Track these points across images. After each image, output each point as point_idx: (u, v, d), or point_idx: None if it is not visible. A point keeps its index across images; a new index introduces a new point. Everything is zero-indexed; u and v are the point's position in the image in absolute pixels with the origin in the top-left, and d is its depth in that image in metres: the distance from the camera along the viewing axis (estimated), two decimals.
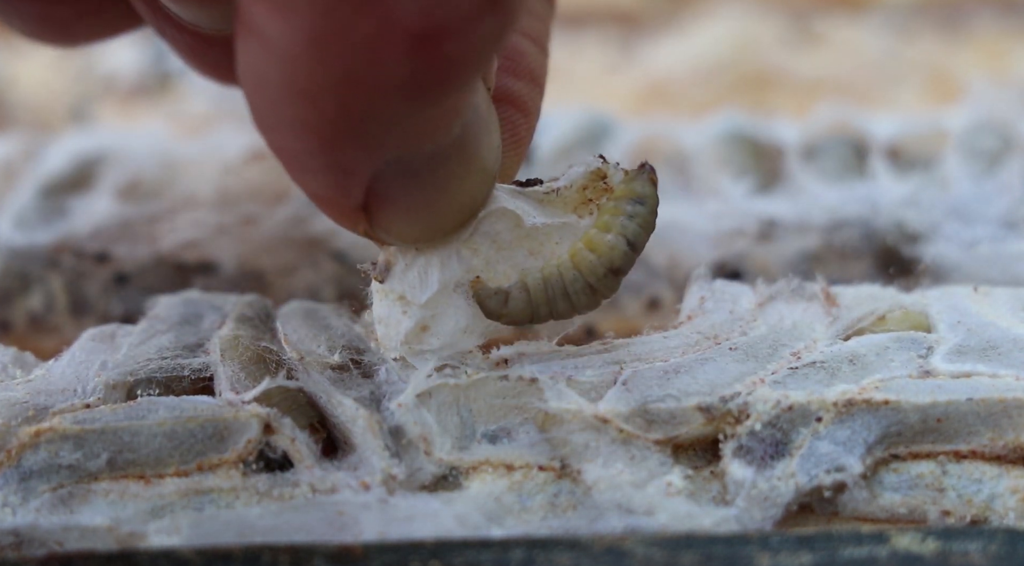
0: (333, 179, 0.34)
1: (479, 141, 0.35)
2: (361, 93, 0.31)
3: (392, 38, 0.30)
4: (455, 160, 0.34)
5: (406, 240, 0.36)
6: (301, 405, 0.38)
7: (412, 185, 0.34)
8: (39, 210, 0.53)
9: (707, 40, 0.74)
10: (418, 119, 0.32)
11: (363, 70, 0.30)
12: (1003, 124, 0.57)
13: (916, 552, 0.34)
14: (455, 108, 0.33)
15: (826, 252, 0.52)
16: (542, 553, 0.34)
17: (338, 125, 0.31)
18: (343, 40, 0.30)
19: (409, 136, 0.33)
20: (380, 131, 0.32)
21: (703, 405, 0.38)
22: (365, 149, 0.32)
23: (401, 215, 0.35)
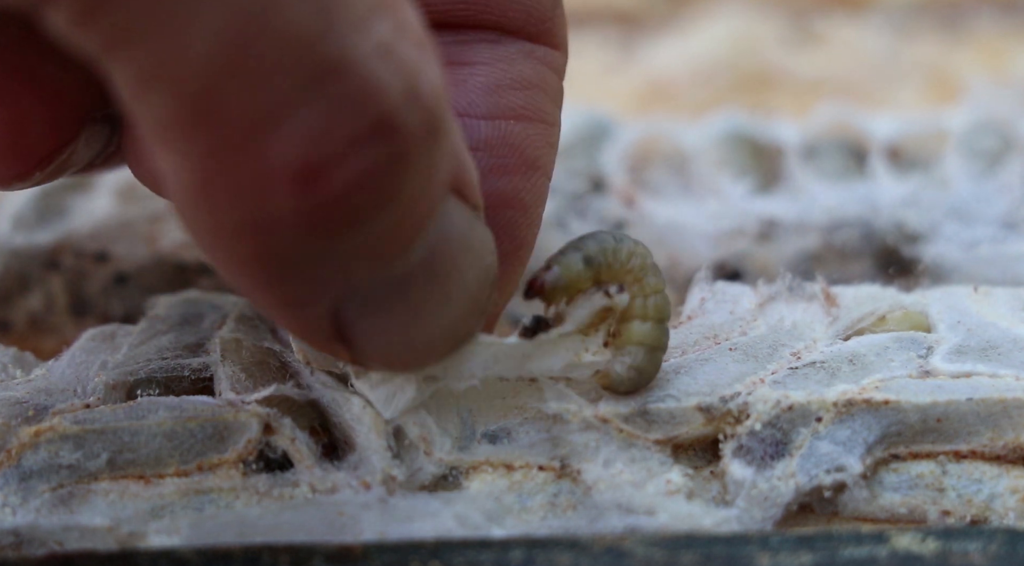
0: (291, 314, 0.33)
1: (456, 265, 0.33)
2: (268, 234, 0.30)
3: (275, 178, 0.29)
4: (427, 287, 0.33)
5: (394, 369, 0.35)
6: (302, 406, 0.38)
7: (381, 315, 0.33)
8: (39, 210, 0.53)
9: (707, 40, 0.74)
10: (347, 251, 0.31)
11: (258, 212, 0.30)
12: (1003, 124, 0.57)
13: (916, 552, 0.34)
14: (400, 234, 0.32)
15: (826, 252, 0.52)
16: (542, 553, 0.34)
17: (262, 265, 0.31)
18: (231, 183, 0.29)
19: (350, 268, 0.32)
20: (306, 268, 0.31)
21: (703, 405, 0.38)
22: (301, 285, 0.32)
23: (378, 346, 0.34)
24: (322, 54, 0.29)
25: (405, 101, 0.30)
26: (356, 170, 0.30)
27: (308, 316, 0.33)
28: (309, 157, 0.29)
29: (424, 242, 0.32)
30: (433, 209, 0.32)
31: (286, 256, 0.31)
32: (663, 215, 0.53)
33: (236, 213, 0.30)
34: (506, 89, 0.38)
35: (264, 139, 0.29)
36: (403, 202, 0.31)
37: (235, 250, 0.31)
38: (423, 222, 0.32)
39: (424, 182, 0.31)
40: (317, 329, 0.33)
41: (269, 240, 0.30)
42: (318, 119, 0.29)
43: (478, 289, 0.34)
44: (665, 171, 0.56)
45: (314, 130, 0.29)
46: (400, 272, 0.32)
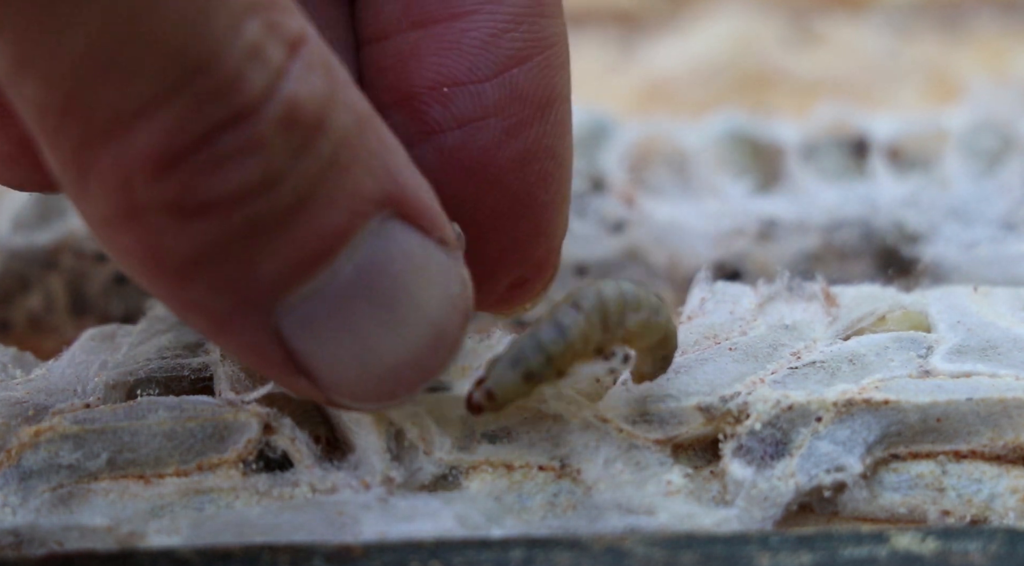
0: (233, 336, 0.33)
1: (406, 290, 0.33)
2: (142, 225, 0.31)
3: (139, 167, 0.30)
4: (371, 310, 0.33)
5: (364, 405, 0.35)
6: (308, 411, 0.38)
7: (328, 339, 0.33)
8: (39, 210, 0.53)
9: (707, 40, 0.74)
10: (237, 250, 0.31)
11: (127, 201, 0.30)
12: (1003, 124, 0.57)
13: (916, 552, 0.34)
14: (306, 241, 0.32)
15: (826, 252, 0.52)
16: (542, 553, 0.34)
17: (153, 261, 0.31)
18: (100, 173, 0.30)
19: (254, 271, 0.31)
20: (204, 267, 0.31)
21: (703, 405, 0.38)
22: (210, 289, 0.32)
23: (338, 376, 0.33)
24: (192, 55, 0.30)
25: (265, 96, 0.30)
26: (209, 154, 0.30)
27: (248, 335, 0.32)
28: (170, 145, 0.30)
29: (352, 256, 0.32)
30: (354, 222, 0.32)
31: (172, 246, 0.31)
32: (663, 215, 0.53)
33: (109, 203, 0.31)
34: (503, 35, 0.37)
35: (129, 130, 0.30)
36: (286, 197, 0.31)
37: (119, 243, 0.31)
38: (341, 231, 0.32)
39: (315, 183, 0.31)
40: (267, 355, 0.33)
41: (145, 231, 0.31)
42: (181, 112, 0.30)
43: (441, 319, 0.34)
44: (665, 171, 0.56)
45: (177, 122, 0.30)
46: (332, 286, 0.32)
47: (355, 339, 0.33)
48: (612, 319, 0.36)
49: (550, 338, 0.36)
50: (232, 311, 0.32)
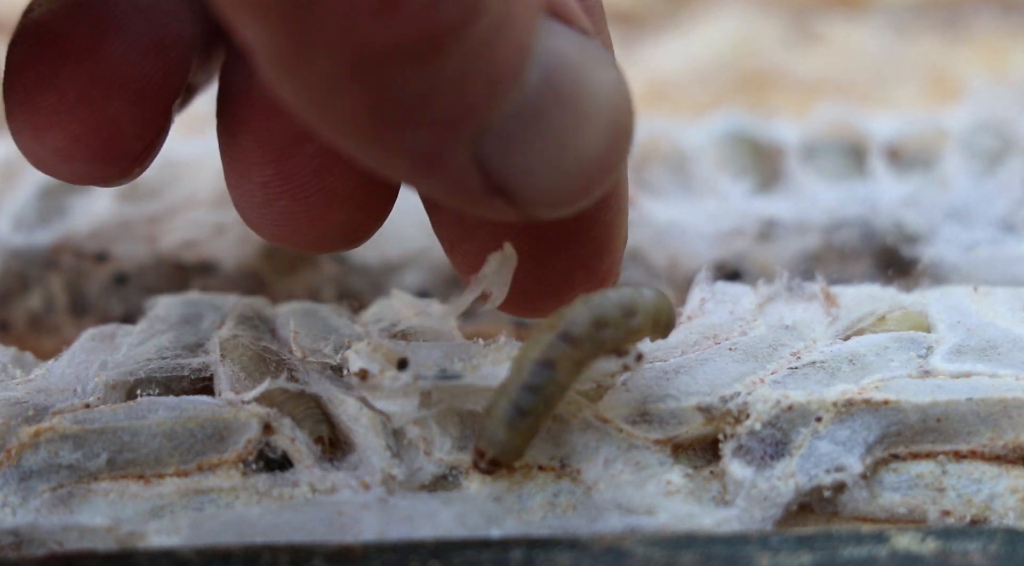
0: (435, 172, 0.33)
1: (582, 84, 0.33)
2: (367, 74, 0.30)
3: (359, 13, 0.30)
4: (559, 110, 0.33)
5: (561, 209, 0.34)
6: (311, 410, 0.38)
7: (524, 149, 0.33)
8: (39, 210, 0.53)
9: (707, 40, 0.74)
10: (453, 79, 0.31)
11: (353, 53, 0.30)
12: (1003, 124, 0.57)
13: (916, 552, 0.34)
14: (502, 56, 0.32)
15: (826, 252, 0.52)
16: (542, 553, 0.34)
17: (376, 112, 0.31)
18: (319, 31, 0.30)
19: (466, 100, 0.32)
20: (421, 107, 0.31)
21: (703, 405, 0.38)
22: (426, 129, 0.32)
23: (535, 184, 0.33)
24: None
25: None
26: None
27: (452, 168, 0.32)
28: None
29: (535, 65, 0.32)
30: (531, 31, 0.32)
31: (394, 96, 0.31)
32: (663, 215, 0.53)
33: (332, 60, 0.30)
34: None
35: None
36: (488, 20, 0.31)
37: (342, 103, 0.31)
38: (525, 44, 0.32)
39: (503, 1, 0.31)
40: (468, 182, 0.33)
41: (370, 78, 0.30)
42: None
43: (614, 105, 0.34)
44: (665, 171, 0.56)
45: None
46: (524, 100, 0.32)
47: (547, 145, 0.33)
48: (610, 334, 0.36)
49: (539, 381, 0.36)
50: (440, 143, 0.32)
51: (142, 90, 0.38)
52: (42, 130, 0.38)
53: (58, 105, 0.38)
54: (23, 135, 0.38)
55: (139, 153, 0.39)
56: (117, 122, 0.38)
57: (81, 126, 0.38)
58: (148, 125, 0.39)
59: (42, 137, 0.38)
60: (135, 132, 0.38)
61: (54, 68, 0.38)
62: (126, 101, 0.38)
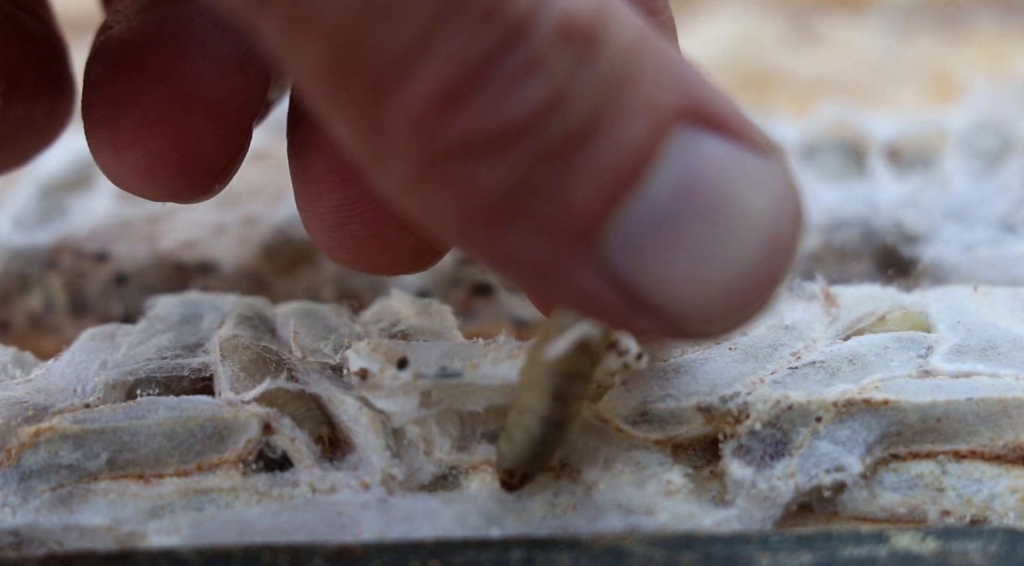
0: (569, 286, 0.31)
1: (727, 198, 0.31)
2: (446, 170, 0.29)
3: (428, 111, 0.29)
4: (697, 223, 0.31)
5: (720, 325, 0.32)
6: (311, 411, 0.38)
7: (660, 261, 0.31)
8: (38, 210, 0.53)
9: (707, 40, 0.74)
10: (546, 175, 0.30)
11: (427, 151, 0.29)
12: (1003, 124, 0.57)
13: (916, 552, 0.34)
14: (610, 159, 0.30)
15: (826, 252, 0.52)
16: (542, 553, 0.34)
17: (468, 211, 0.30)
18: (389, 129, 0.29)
19: (573, 203, 0.30)
20: (520, 209, 0.30)
21: (703, 405, 0.38)
22: (535, 233, 0.30)
23: (680, 300, 0.31)
24: None
25: (532, 11, 0.29)
26: (495, 81, 0.29)
27: (580, 281, 0.31)
28: (452, 77, 0.29)
29: (667, 173, 0.31)
30: (656, 134, 0.31)
31: (477, 191, 0.30)
32: None
33: (410, 159, 0.30)
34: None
35: (411, 70, 0.29)
36: (577, 114, 0.30)
37: (429, 204, 0.30)
38: (645, 148, 0.30)
39: (605, 98, 0.30)
40: (604, 298, 0.31)
41: (451, 181, 0.30)
42: (455, 40, 0.29)
43: (770, 222, 0.32)
44: None
45: (453, 51, 0.29)
46: (652, 207, 0.30)
47: (688, 257, 0.31)
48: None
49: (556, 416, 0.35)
50: (557, 252, 0.30)
51: (223, 107, 0.38)
52: (123, 148, 0.38)
53: (140, 123, 0.38)
54: (104, 153, 0.38)
55: (220, 170, 0.39)
56: (198, 139, 0.38)
57: (163, 144, 0.38)
58: (229, 142, 0.38)
59: (123, 155, 0.38)
60: (216, 149, 0.38)
61: (136, 86, 0.38)
62: (207, 118, 0.38)
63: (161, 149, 0.38)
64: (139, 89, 0.38)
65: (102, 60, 0.38)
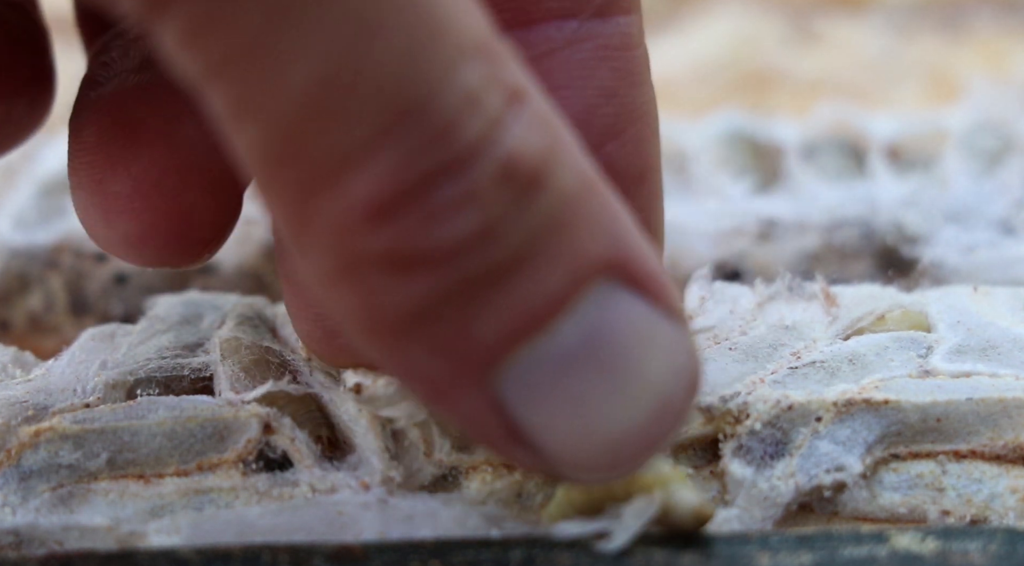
0: (450, 403, 0.31)
1: (630, 358, 0.31)
2: (361, 279, 0.30)
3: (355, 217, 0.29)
4: (594, 376, 0.31)
5: (595, 475, 0.33)
6: (311, 412, 0.38)
7: (549, 406, 0.31)
8: (38, 210, 0.53)
9: (707, 40, 0.74)
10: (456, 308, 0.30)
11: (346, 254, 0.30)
12: (1003, 124, 0.57)
13: (916, 552, 0.34)
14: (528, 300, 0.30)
15: (826, 252, 0.52)
16: (542, 553, 0.34)
17: (374, 319, 0.30)
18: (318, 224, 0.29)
19: (474, 329, 0.30)
20: (426, 325, 0.30)
21: (703, 405, 0.38)
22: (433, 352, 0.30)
23: (560, 446, 0.32)
24: (408, 96, 0.29)
25: (482, 145, 0.29)
26: (427, 204, 0.29)
27: (468, 402, 0.31)
28: (386, 191, 0.29)
29: (577, 323, 0.31)
30: (574, 285, 0.31)
31: (388, 302, 0.30)
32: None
33: (329, 256, 0.30)
34: (595, 110, 0.36)
35: (346, 175, 0.29)
36: (503, 253, 0.30)
37: (339, 300, 0.30)
38: (562, 296, 0.31)
39: (533, 241, 0.30)
40: (486, 423, 0.31)
41: (363, 283, 0.30)
42: (397, 157, 0.29)
43: (667, 390, 0.32)
44: (665, 171, 0.56)
45: (393, 167, 0.29)
46: (555, 351, 0.31)
47: (578, 409, 0.31)
48: None
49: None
50: (451, 376, 0.31)
51: (218, 177, 0.37)
52: (113, 216, 0.37)
53: (132, 193, 0.37)
54: (92, 218, 0.38)
55: (212, 238, 0.38)
56: (192, 210, 0.37)
57: (155, 215, 0.37)
58: (222, 212, 0.38)
59: (113, 223, 0.37)
60: (209, 220, 0.38)
61: (129, 152, 0.37)
62: (201, 189, 0.37)
63: (153, 220, 0.37)
64: (132, 156, 0.37)
65: (92, 121, 0.37)
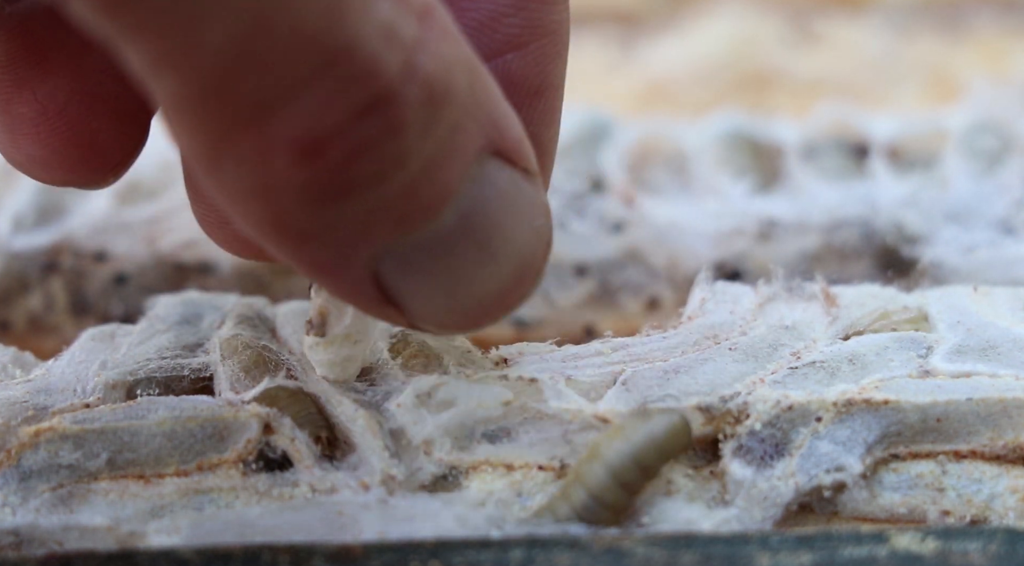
0: (331, 279, 0.33)
1: (499, 226, 0.34)
2: (275, 202, 0.31)
3: (278, 152, 0.30)
4: (467, 249, 0.33)
5: (448, 331, 0.36)
6: (311, 413, 0.38)
7: (423, 277, 0.33)
8: (38, 210, 0.53)
9: (707, 40, 0.74)
10: (361, 217, 0.32)
11: (264, 181, 0.31)
12: (1003, 124, 0.57)
13: (916, 552, 0.34)
14: (423, 199, 0.32)
15: (826, 252, 0.52)
16: (542, 553, 0.34)
17: (279, 229, 0.32)
18: (237, 156, 0.30)
19: (372, 232, 0.32)
20: (324, 232, 0.32)
21: (703, 405, 0.38)
22: (325, 249, 0.32)
23: (426, 308, 0.34)
24: (328, 43, 0.30)
25: (403, 76, 0.30)
26: (354, 141, 0.30)
27: (348, 279, 0.33)
28: (310, 132, 0.30)
29: (457, 205, 0.33)
30: (461, 175, 0.33)
31: (299, 222, 0.31)
32: (663, 215, 0.53)
33: (242, 181, 0.31)
34: (502, 19, 0.37)
35: (269, 118, 0.30)
36: (411, 171, 0.31)
37: (247, 211, 0.32)
38: (450, 187, 0.32)
39: (438, 148, 0.32)
40: (363, 293, 0.33)
41: (278, 207, 0.31)
42: (320, 99, 0.30)
43: (528, 251, 0.34)
44: (665, 171, 0.56)
45: (316, 109, 0.30)
46: (435, 234, 0.33)
47: (448, 277, 0.33)
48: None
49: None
50: (341, 264, 0.32)
51: (124, 104, 0.38)
52: (19, 137, 0.38)
53: (38, 116, 0.37)
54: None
55: (116, 164, 0.39)
56: (97, 136, 0.38)
57: (60, 139, 0.38)
58: (128, 138, 0.38)
59: (19, 143, 0.38)
60: (115, 145, 0.38)
61: (36, 76, 0.37)
62: (107, 116, 0.38)
63: (58, 144, 0.37)
64: (39, 79, 0.37)
65: (2, 40, 0.37)
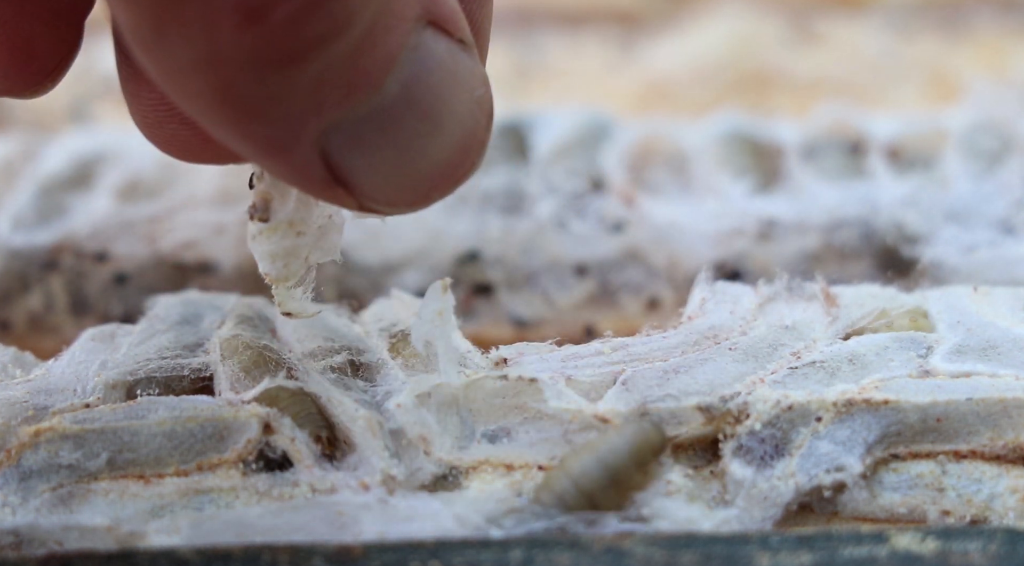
0: (280, 160, 0.33)
1: (440, 96, 0.34)
2: (219, 70, 0.31)
3: (221, 17, 0.30)
4: (411, 119, 0.33)
5: (399, 208, 0.35)
6: (311, 413, 0.38)
7: (370, 150, 0.33)
8: (39, 210, 0.53)
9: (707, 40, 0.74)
10: (308, 85, 0.32)
11: (207, 49, 0.31)
12: (1003, 124, 0.57)
13: (916, 552, 0.34)
14: (365, 67, 0.32)
15: (826, 252, 0.52)
16: (542, 553, 0.34)
17: (224, 101, 0.31)
18: (179, 24, 0.30)
19: (319, 102, 0.32)
20: (271, 104, 0.32)
21: (703, 405, 0.38)
22: (273, 122, 0.32)
23: (376, 184, 0.34)
24: None
25: None
26: (297, 2, 0.30)
27: (297, 158, 0.33)
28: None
29: (398, 75, 0.33)
30: (401, 43, 0.33)
31: (245, 92, 0.31)
32: (663, 215, 0.53)
33: (187, 51, 0.31)
34: None
35: None
36: (355, 35, 0.31)
37: (192, 86, 0.31)
38: (391, 55, 0.33)
39: (378, 12, 0.32)
40: (311, 173, 0.33)
41: (223, 77, 0.31)
42: None
43: (471, 120, 0.34)
44: (665, 171, 0.56)
45: None
46: (378, 106, 0.33)
47: (395, 150, 0.34)
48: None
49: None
50: (288, 140, 0.32)
51: (55, 8, 0.38)
52: None
53: None
54: None
55: (51, 69, 0.39)
56: (30, 41, 0.38)
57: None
58: (61, 43, 0.39)
59: None
60: (48, 50, 0.38)
61: None
62: (39, 20, 0.38)
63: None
64: None
65: None
